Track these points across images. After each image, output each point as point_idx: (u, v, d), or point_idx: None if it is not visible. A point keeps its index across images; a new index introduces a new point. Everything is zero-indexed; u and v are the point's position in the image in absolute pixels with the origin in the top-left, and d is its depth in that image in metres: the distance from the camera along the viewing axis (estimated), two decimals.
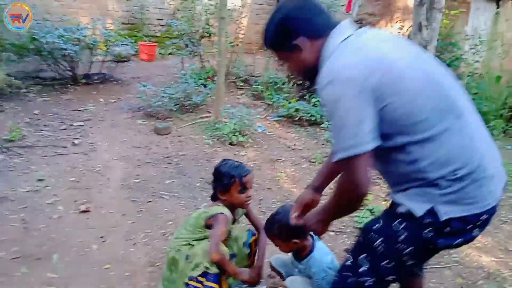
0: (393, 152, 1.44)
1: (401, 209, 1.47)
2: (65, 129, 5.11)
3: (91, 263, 2.71)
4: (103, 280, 2.55)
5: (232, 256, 2.34)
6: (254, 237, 2.44)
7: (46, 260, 2.70)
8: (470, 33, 7.43)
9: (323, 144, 5.44)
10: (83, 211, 3.31)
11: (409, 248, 1.47)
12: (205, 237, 2.22)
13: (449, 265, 2.89)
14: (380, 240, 1.50)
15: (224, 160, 2.40)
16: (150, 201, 3.59)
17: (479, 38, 6.91)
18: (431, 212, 1.41)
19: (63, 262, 2.69)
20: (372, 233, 1.53)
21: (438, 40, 4.45)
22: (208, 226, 2.22)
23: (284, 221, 2.08)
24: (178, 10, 8.96)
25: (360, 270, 1.55)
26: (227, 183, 2.24)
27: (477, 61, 6.82)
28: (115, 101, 6.45)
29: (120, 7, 9.63)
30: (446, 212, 1.40)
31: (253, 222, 2.51)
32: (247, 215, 2.49)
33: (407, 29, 7.47)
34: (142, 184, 3.91)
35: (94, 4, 9.22)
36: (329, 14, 1.55)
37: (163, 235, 3.08)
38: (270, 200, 3.77)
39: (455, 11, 7.15)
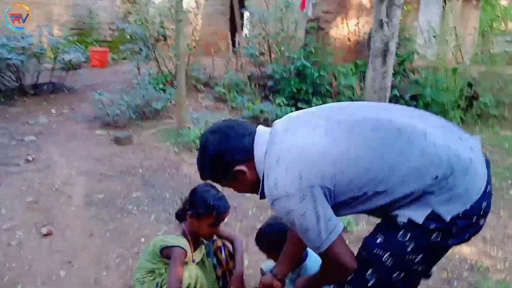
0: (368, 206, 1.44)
1: (401, 219, 1.40)
2: (15, 144, 4.75)
3: None
4: None
5: None
6: (215, 245, 2.34)
7: None
8: (422, 27, 7.66)
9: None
10: (45, 235, 3.04)
11: (419, 256, 1.41)
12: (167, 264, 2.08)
13: None
14: (387, 254, 1.43)
15: (207, 185, 2.15)
16: (118, 218, 3.36)
17: (434, 33, 7.14)
18: (433, 216, 1.36)
19: None
20: (376, 248, 1.45)
21: None
22: (165, 256, 2.08)
23: (280, 231, 2.03)
24: (130, 13, 8.64)
25: (369, 284, 1.47)
26: (203, 213, 2.08)
27: (431, 55, 7.03)
28: (68, 111, 6.11)
29: (66, 12, 9.18)
30: (447, 211, 1.35)
31: (226, 237, 2.37)
32: (217, 235, 2.35)
33: (362, 26, 7.58)
34: (107, 199, 3.67)
35: (39, 10, 8.69)
36: (247, 128, 1.57)
37: (137, 253, 2.87)
38: (246, 207, 3.64)
39: (406, 7, 7.34)
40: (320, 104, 6.35)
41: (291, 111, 5.13)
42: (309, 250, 2.13)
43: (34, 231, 3.10)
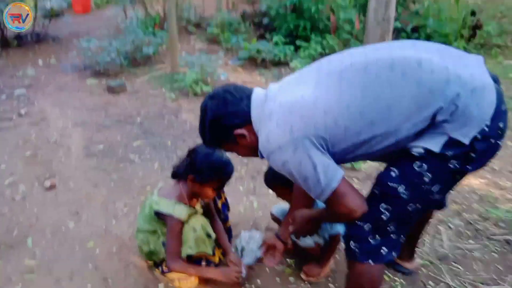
0: (374, 146, 1.41)
1: (416, 150, 1.36)
2: (5, 99, 4.58)
3: (72, 243, 2.45)
4: (89, 259, 2.32)
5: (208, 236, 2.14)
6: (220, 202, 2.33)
7: (20, 247, 2.41)
8: None
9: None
10: (49, 188, 2.99)
11: (437, 185, 1.39)
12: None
13: None
14: (402, 187, 1.40)
15: (213, 148, 2.02)
16: (121, 167, 3.30)
17: None
18: (450, 143, 1.31)
19: (39, 246, 2.42)
20: (390, 183, 1.42)
21: None
22: (161, 219, 2.04)
23: None
24: None
25: (384, 218, 1.45)
26: (208, 178, 1.99)
27: None
28: (56, 62, 5.87)
29: None
30: (464, 134, 1.29)
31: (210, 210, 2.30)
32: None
33: None
34: (108, 150, 3.59)
35: None
36: (245, 91, 1.57)
37: None
38: None
39: None
40: (320, 41, 6.14)
41: (290, 50, 5.04)
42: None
43: (37, 184, 3.04)
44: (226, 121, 1.54)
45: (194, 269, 2.06)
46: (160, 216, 2.03)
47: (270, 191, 2.89)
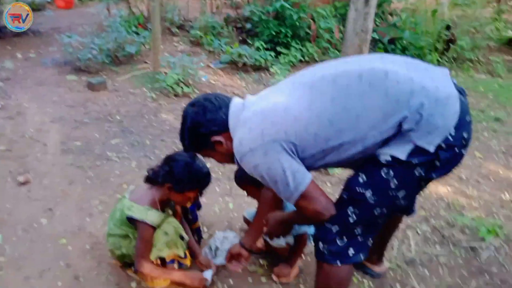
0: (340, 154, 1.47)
1: (383, 157, 1.42)
2: None
3: (44, 240, 2.43)
4: (61, 256, 2.30)
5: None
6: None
7: None
8: None
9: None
10: (22, 183, 2.95)
11: (403, 191, 1.46)
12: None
13: None
14: (369, 192, 1.46)
15: (188, 154, 2.01)
16: (98, 165, 3.29)
17: None
18: (416, 151, 1.37)
19: (9, 242, 2.39)
20: (358, 187, 1.48)
21: None
22: (133, 224, 2.02)
23: None
24: None
25: (351, 221, 1.51)
26: (187, 187, 2.00)
27: None
28: (35, 56, 5.77)
29: None
30: (429, 142, 1.36)
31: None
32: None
33: None
34: (85, 146, 3.56)
35: None
36: (224, 100, 1.64)
37: None
38: None
39: None
40: (299, 48, 6.23)
41: (270, 56, 5.13)
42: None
43: (10, 179, 3.00)
44: (204, 128, 1.61)
45: (161, 271, 2.06)
46: (131, 221, 2.02)
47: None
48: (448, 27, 6.92)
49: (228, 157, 1.67)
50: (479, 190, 3.17)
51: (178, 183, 1.98)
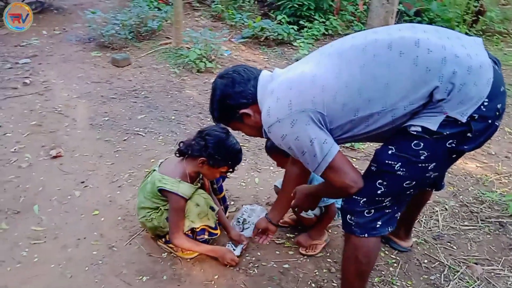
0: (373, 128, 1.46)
1: (414, 129, 1.39)
2: (10, 68, 4.57)
3: (77, 211, 2.52)
4: (94, 227, 2.39)
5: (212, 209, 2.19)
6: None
7: (26, 213, 2.48)
8: None
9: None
10: (55, 157, 3.04)
11: (433, 164, 1.43)
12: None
13: None
14: (399, 164, 1.44)
15: (223, 130, 2.07)
16: (126, 139, 3.35)
17: None
18: (447, 122, 1.34)
19: (45, 213, 2.49)
20: (386, 160, 1.46)
21: None
22: (164, 196, 2.08)
23: None
24: None
25: (379, 192, 1.50)
26: (221, 163, 2.05)
27: None
28: (60, 33, 5.82)
29: None
30: (461, 112, 1.32)
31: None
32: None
33: None
34: (112, 122, 3.63)
35: None
36: (253, 72, 1.64)
37: None
38: None
39: None
40: (323, 21, 6.11)
41: (293, 30, 5.10)
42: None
43: (42, 153, 3.09)
44: (232, 100, 1.60)
45: (193, 244, 2.12)
46: (163, 193, 2.07)
47: (271, 167, 2.96)
48: None
49: (256, 130, 1.66)
50: (509, 166, 3.11)
51: (213, 158, 2.02)
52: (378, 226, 1.57)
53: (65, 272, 2.07)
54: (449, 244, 2.32)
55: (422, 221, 2.49)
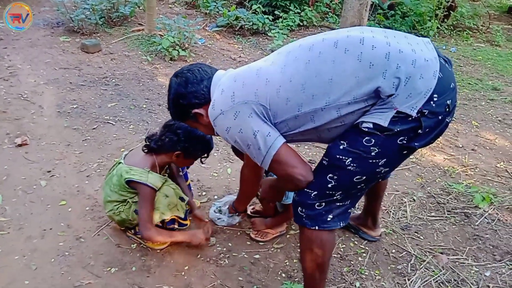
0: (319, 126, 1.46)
1: (365, 125, 1.39)
2: None
3: (43, 201, 2.44)
4: (61, 218, 2.32)
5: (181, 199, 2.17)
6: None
7: None
8: None
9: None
10: (20, 145, 2.93)
11: (383, 160, 1.44)
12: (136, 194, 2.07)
13: (407, 167, 3.01)
14: (350, 159, 1.44)
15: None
16: (95, 128, 3.26)
17: None
18: (398, 118, 1.34)
19: (9, 203, 2.40)
20: (338, 155, 1.46)
21: None
22: (132, 188, 2.04)
23: None
24: None
25: (329, 186, 1.50)
26: (197, 153, 2.09)
27: None
28: None
29: None
30: (411, 106, 1.33)
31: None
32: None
33: None
34: (81, 109, 3.52)
35: None
36: (208, 72, 1.64)
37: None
38: None
39: None
40: (298, 12, 6.10)
41: (268, 20, 5.11)
42: None
43: (7, 141, 2.97)
44: (185, 100, 1.61)
45: (166, 235, 2.09)
46: (130, 185, 2.03)
47: None
48: None
49: (211, 128, 1.63)
50: (475, 159, 3.20)
51: (188, 151, 2.03)
52: (329, 219, 1.57)
53: (30, 264, 2.01)
54: (416, 234, 2.37)
55: (390, 211, 2.54)
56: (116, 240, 2.19)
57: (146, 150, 2.09)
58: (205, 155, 2.15)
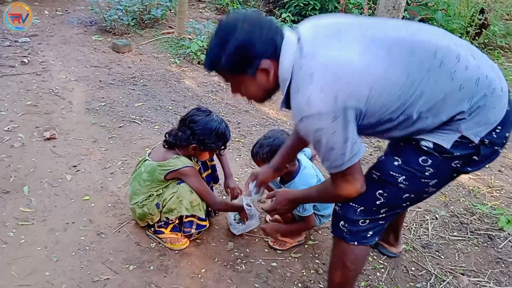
0: (392, 128, 1.40)
1: (425, 144, 1.36)
2: (9, 46, 4.53)
3: (68, 195, 2.49)
4: (84, 212, 2.37)
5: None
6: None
7: (16, 193, 2.45)
8: None
9: None
10: (48, 138, 3.01)
11: (434, 180, 1.42)
12: (165, 186, 2.14)
13: None
14: (403, 177, 1.42)
15: (205, 111, 2.12)
16: (121, 126, 3.32)
17: None
18: (460, 142, 1.33)
19: (35, 195, 2.46)
20: (391, 172, 1.44)
21: None
22: (171, 179, 2.11)
23: (275, 145, 2.07)
24: None
25: (377, 203, 1.48)
26: (212, 146, 2.09)
27: None
28: (62, 14, 5.78)
29: None
30: (475, 133, 1.31)
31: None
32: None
33: None
34: (109, 107, 3.60)
35: None
36: (279, 27, 1.41)
37: None
38: (249, 123, 3.62)
39: None
40: None
41: None
42: (303, 168, 2.16)
43: (36, 134, 3.06)
44: (257, 47, 1.34)
45: (230, 206, 2.31)
46: (167, 178, 2.09)
47: None
48: (482, 11, 6.66)
49: (263, 90, 1.46)
50: (501, 180, 3.12)
51: (203, 143, 2.06)
52: (369, 235, 1.55)
53: (51, 256, 2.05)
54: (437, 253, 2.32)
55: (412, 228, 2.49)
56: (136, 238, 2.22)
57: (166, 146, 2.15)
58: (222, 147, 2.17)
